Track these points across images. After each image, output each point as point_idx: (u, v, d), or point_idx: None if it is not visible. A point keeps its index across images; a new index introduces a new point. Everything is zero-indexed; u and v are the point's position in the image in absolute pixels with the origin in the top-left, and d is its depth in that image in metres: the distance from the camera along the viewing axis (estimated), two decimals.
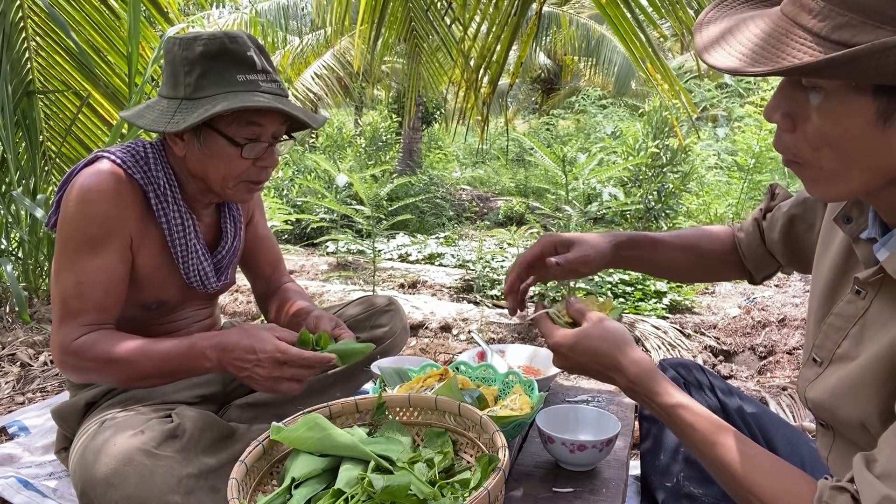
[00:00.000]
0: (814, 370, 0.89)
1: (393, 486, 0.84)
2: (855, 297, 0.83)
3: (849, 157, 0.70)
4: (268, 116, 1.30)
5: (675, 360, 1.28)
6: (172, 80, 1.29)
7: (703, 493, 1.11)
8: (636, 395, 0.92)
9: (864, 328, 0.81)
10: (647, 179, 5.89)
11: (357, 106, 13.91)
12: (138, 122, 1.28)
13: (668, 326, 3.26)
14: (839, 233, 0.91)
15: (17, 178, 2.83)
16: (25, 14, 2.89)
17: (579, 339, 0.96)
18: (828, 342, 0.86)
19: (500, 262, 4.60)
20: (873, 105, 0.65)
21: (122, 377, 1.26)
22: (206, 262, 1.42)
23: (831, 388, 0.83)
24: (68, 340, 1.23)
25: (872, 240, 0.81)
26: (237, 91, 1.26)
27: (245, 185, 1.35)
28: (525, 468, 1.25)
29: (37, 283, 3.00)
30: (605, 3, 2.29)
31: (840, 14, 0.63)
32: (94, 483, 1.08)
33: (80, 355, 1.23)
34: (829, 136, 0.69)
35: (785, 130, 0.74)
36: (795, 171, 0.77)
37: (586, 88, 13.90)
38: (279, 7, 10.83)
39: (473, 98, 2.84)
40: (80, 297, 1.24)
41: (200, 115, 1.21)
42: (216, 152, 1.29)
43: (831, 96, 0.67)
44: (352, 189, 6.27)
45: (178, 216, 1.35)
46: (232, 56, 1.27)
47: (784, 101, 0.73)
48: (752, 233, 1.19)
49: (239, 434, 1.25)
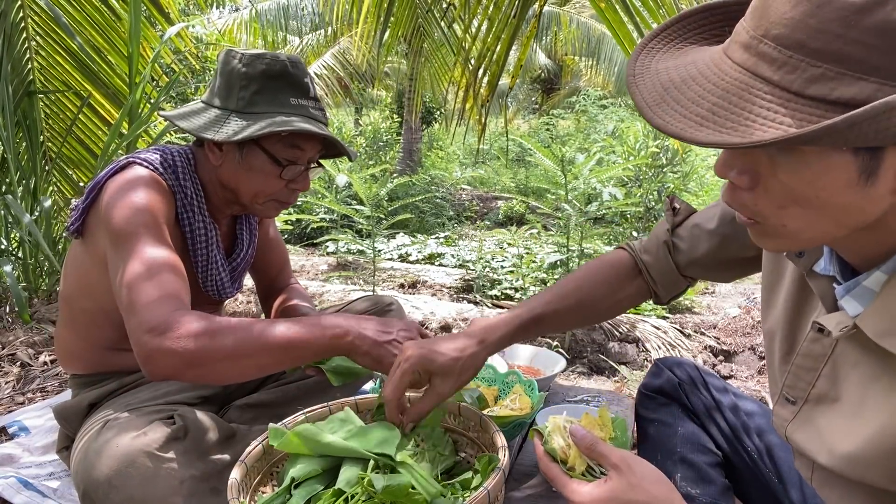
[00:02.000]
0: (789, 409, 0.85)
1: (393, 486, 0.85)
2: (818, 335, 0.78)
3: (820, 215, 0.62)
4: (311, 142, 1.33)
5: (671, 360, 1.28)
6: (226, 91, 1.31)
7: (700, 494, 1.11)
8: None
9: (836, 367, 0.77)
10: (648, 179, 5.90)
11: (357, 106, 13.92)
12: (184, 124, 1.30)
13: (668, 326, 3.26)
14: (788, 262, 0.86)
15: (18, 179, 2.83)
16: (26, 14, 2.90)
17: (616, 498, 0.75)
18: (800, 383, 0.82)
19: (499, 262, 4.61)
20: (854, 162, 0.58)
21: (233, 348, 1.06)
22: (223, 272, 1.45)
23: (821, 432, 0.79)
24: (165, 317, 1.06)
25: (831, 278, 0.75)
26: (289, 113, 1.30)
27: (274, 204, 1.38)
28: (525, 468, 1.25)
29: (37, 283, 3.00)
30: (605, 6, 2.29)
31: (812, 65, 0.54)
32: (95, 485, 1.08)
33: (185, 328, 1.05)
34: (798, 196, 0.61)
35: (743, 188, 0.65)
36: (750, 228, 0.69)
37: (586, 88, 13.91)
38: (279, 7, 10.84)
39: (473, 100, 2.84)
40: (157, 279, 1.12)
41: (259, 129, 1.24)
42: (255, 167, 1.31)
43: (804, 156, 0.59)
44: (352, 189, 6.27)
45: (202, 226, 1.37)
46: (290, 79, 1.31)
47: (738, 158, 0.64)
48: (660, 256, 1.12)
49: (240, 435, 1.25)
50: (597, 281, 1.15)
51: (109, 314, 1.29)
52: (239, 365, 1.07)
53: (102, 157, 2.85)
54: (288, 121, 1.27)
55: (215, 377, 1.11)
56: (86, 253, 1.33)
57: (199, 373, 1.07)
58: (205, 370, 1.06)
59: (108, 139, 2.90)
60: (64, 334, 1.43)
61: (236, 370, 1.08)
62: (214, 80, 1.35)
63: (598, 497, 0.75)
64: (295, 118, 1.29)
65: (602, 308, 1.15)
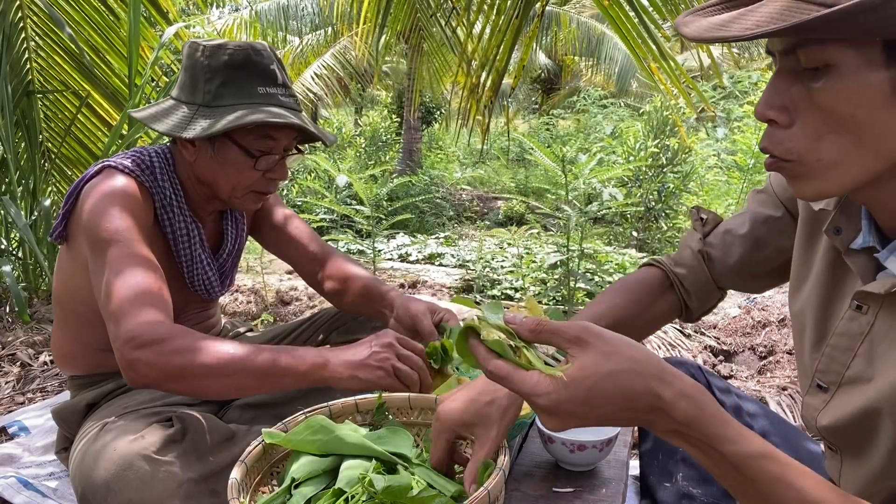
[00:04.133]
0: (820, 398, 0.83)
1: (394, 487, 0.84)
2: (856, 314, 0.77)
3: (856, 140, 0.63)
4: (283, 131, 1.30)
5: (674, 360, 1.28)
6: (191, 85, 1.29)
7: (702, 493, 1.11)
8: (688, 441, 0.62)
9: (874, 345, 0.75)
10: (648, 179, 5.89)
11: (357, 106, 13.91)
12: (153, 124, 1.28)
13: (668, 326, 3.26)
14: (818, 248, 0.85)
15: (17, 179, 2.83)
16: (25, 14, 2.89)
17: (596, 384, 0.60)
18: (834, 365, 0.80)
19: (500, 262, 4.60)
20: (887, 75, 0.59)
21: (214, 366, 1.05)
22: (210, 270, 1.43)
23: (851, 414, 0.77)
24: (145, 328, 1.06)
25: (870, 249, 0.75)
26: (257, 103, 1.27)
27: (252, 195, 1.35)
28: (525, 468, 1.25)
29: (37, 283, 3.00)
30: (608, 4, 2.29)
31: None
32: (94, 488, 1.08)
33: (166, 341, 1.05)
34: (834, 119, 0.63)
35: (781, 126, 0.67)
36: (784, 172, 0.70)
37: (586, 88, 13.91)
38: (279, 7, 10.83)
39: (475, 102, 2.84)
40: (137, 288, 1.12)
41: (225, 125, 1.21)
42: (229, 161, 1.29)
43: (839, 73, 0.61)
44: (352, 189, 6.27)
45: (184, 225, 1.35)
46: (255, 68, 1.28)
47: (778, 95, 0.67)
48: (696, 267, 1.09)
49: (239, 436, 1.25)
50: (630, 300, 1.09)
51: (100, 316, 1.28)
52: (218, 384, 1.08)
53: (103, 157, 2.85)
54: (254, 112, 1.24)
55: (194, 392, 1.15)
56: (71, 258, 1.32)
57: (179, 387, 1.09)
58: (184, 385, 1.09)
59: (108, 141, 2.90)
60: (59, 336, 1.43)
61: (215, 388, 1.10)
62: (180, 75, 1.33)
63: (571, 384, 0.60)
64: (263, 108, 1.26)
65: (635, 327, 1.09)
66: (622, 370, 0.60)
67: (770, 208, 0.99)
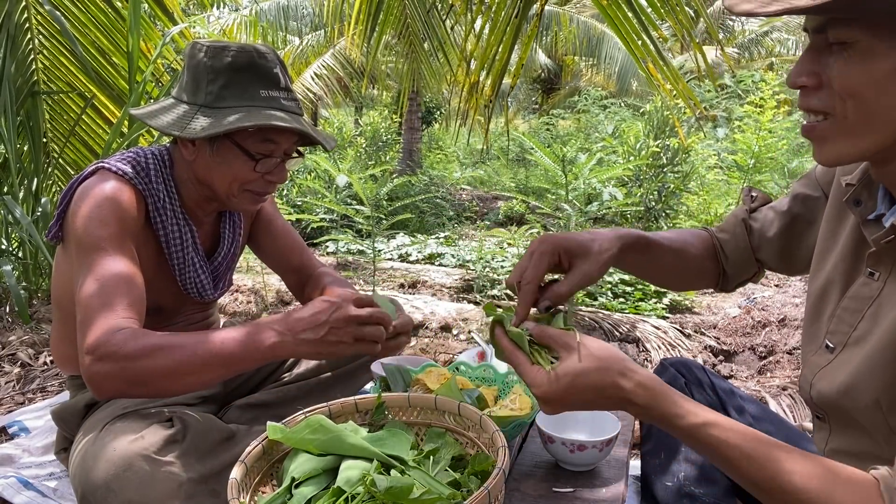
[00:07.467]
0: (825, 357, 0.89)
1: (396, 488, 0.84)
2: (869, 280, 0.84)
3: (872, 107, 0.73)
4: (284, 135, 1.30)
5: (676, 360, 1.28)
6: (193, 85, 1.29)
7: (703, 493, 1.11)
8: (653, 420, 0.80)
9: (880, 308, 0.82)
10: (648, 179, 5.89)
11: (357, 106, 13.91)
12: (153, 122, 1.28)
13: (668, 326, 3.26)
14: (846, 225, 0.92)
15: (20, 179, 2.83)
16: (30, 14, 2.89)
17: (573, 380, 0.79)
18: (843, 326, 0.87)
19: (500, 262, 4.60)
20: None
21: (173, 367, 1.06)
22: (203, 273, 1.42)
23: (849, 372, 0.84)
24: (104, 338, 1.07)
25: (881, 216, 0.83)
26: (259, 106, 1.27)
27: (249, 195, 1.35)
28: (525, 468, 1.25)
29: (37, 283, 3.00)
30: (606, 4, 2.29)
31: None
32: (94, 488, 1.08)
33: (122, 349, 1.05)
34: (854, 85, 0.72)
35: (812, 88, 0.77)
36: (814, 134, 0.78)
37: (587, 88, 13.90)
38: (279, 7, 10.83)
39: (475, 102, 2.84)
40: (105, 297, 1.13)
41: (227, 127, 1.21)
42: (228, 161, 1.29)
43: (860, 49, 0.71)
44: (352, 189, 6.27)
45: (177, 228, 1.35)
46: (258, 71, 1.28)
47: (808, 64, 0.77)
48: (737, 234, 1.15)
49: (239, 436, 1.25)
50: (689, 240, 1.18)
51: None
52: (182, 382, 1.08)
53: (104, 156, 2.84)
54: (255, 115, 1.24)
55: (161, 394, 1.17)
56: (66, 258, 1.32)
57: (143, 391, 1.10)
58: (148, 388, 1.08)
59: (109, 138, 2.89)
60: (58, 336, 1.43)
61: (179, 386, 1.09)
62: (182, 75, 1.33)
63: (555, 380, 0.81)
64: (265, 111, 1.26)
65: (690, 266, 1.16)
66: (593, 369, 0.80)
67: (810, 189, 1.07)
